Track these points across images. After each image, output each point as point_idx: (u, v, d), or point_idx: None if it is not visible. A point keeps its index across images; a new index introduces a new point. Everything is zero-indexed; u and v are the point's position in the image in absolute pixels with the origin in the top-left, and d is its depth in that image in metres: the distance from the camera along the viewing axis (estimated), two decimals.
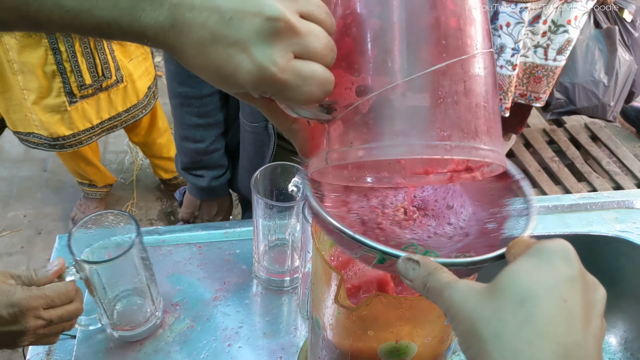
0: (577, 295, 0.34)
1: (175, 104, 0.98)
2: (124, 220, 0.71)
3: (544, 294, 0.34)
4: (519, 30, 1.72)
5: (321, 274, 0.57)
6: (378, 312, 0.53)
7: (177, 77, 0.94)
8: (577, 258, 0.36)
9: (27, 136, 1.75)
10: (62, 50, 1.56)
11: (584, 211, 0.98)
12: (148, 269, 0.72)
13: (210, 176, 1.05)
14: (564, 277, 0.35)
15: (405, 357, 0.58)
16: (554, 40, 1.78)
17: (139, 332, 0.76)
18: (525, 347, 0.33)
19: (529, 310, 0.33)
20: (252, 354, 0.75)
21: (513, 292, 0.35)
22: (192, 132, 0.99)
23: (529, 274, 0.35)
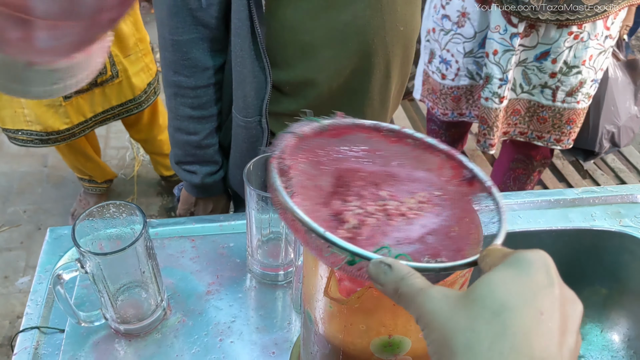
0: (555, 309, 0.33)
1: (169, 94, 0.96)
2: (127, 211, 0.70)
3: (521, 305, 0.32)
4: (508, 58, 1.56)
5: (312, 266, 0.55)
6: (370, 306, 0.51)
7: (172, 65, 0.92)
8: (555, 270, 0.35)
9: (15, 133, 1.73)
10: None
11: (587, 205, 0.96)
12: (153, 259, 0.71)
13: (203, 173, 1.03)
14: (541, 289, 0.33)
15: (398, 352, 0.56)
16: (564, 82, 1.62)
17: (145, 324, 0.74)
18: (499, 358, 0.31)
19: (504, 322, 0.32)
20: (244, 349, 0.73)
21: (488, 302, 0.33)
22: (185, 124, 0.97)
23: (506, 284, 0.34)
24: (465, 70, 1.71)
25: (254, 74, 0.89)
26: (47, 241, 0.86)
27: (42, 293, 0.79)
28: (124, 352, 0.72)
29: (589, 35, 1.51)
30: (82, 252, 0.63)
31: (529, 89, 1.66)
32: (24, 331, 0.74)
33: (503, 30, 1.52)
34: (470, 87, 1.77)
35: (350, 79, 0.92)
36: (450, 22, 1.68)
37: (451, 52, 1.71)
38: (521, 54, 1.58)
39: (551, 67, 1.58)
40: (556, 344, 0.31)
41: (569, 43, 1.52)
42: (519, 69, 1.63)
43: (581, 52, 1.55)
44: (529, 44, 1.56)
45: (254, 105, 0.92)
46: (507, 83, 1.61)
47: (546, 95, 1.66)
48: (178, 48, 0.89)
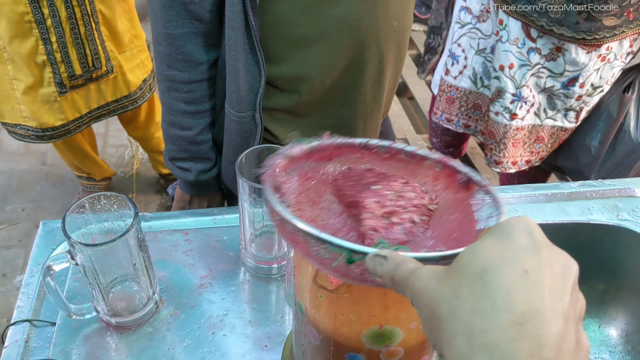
0: (542, 268, 0.32)
1: (163, 88, 0.95)
2: (118, 202, 0.69)
3: (503, 265, 0.32)
4: (523, 73, 1.50)
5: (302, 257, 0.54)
6: (360, 295, 0.51)
7: (166, 59, 0.91)
8: (540, 233, 0.34)
9: (14, 127, 1.73)
10: (52, 41, 1.54)
11: (584, 199, 0.95)
12: (145, 252, 0.70)
13: (197, 170, 1.02)
14: (525, 249, 0.32)
15: (390, 343, 0.55)
16: (588, 102, 1.57)
17: (137, 317, 0.74)
18: (477, 320, 0.30)
19: (485, 283, 0.31)
20: (237, 342, 0.72)
21: (470, 268, 0.33)
22: (179, 119, 0.96)
23: (487, 249, 0.33)
24: (471, 70, 1.66)
25: (247, 67, 0.88)
26: (39, 234, 0.86)
27: (33, 286, 0.79)
28: (116, 345, 0.72)
29: (615, 56, 1.48)
30: (73, 243, 0.63)
31: (552, 114, 1.61)
32: (14, 324, 0.74)
33: (521, 43, 1.46)
34: (468, 94, 1.73)
35: (343, 74, 0.92)
36: (470, 15, 1.61)
37: (462, 46, 1.66)
38: (547, 79, 1.52)
39: (579, 92, 1.53)
40: (543, 299, 0.30)
41: (597, 65, 1.47)
42: (544, 95, 1.57)
43: (607, 72, 1.51)
44: (555, 70, 1.49)
45: (248, 100, 0.91)
46: (520, 100, 1.55)
47: (569, 118, 1.61)
48: (171, 42, 0.88)
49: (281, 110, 0.95)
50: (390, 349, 0.56)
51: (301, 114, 0.96)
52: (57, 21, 1.52)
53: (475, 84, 1.68)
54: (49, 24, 1.51)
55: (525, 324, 0.29)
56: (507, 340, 0.29)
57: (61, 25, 1.53)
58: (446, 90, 1.76)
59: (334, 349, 0.58)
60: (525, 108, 1.58)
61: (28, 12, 1.47)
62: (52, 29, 1.52)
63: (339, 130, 0.99)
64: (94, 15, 1.60)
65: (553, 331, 0.29)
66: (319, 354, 0.61)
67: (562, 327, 0.30)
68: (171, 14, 0.85)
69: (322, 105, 0.95)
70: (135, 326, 0.74)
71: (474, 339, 0.30)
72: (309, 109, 0.96)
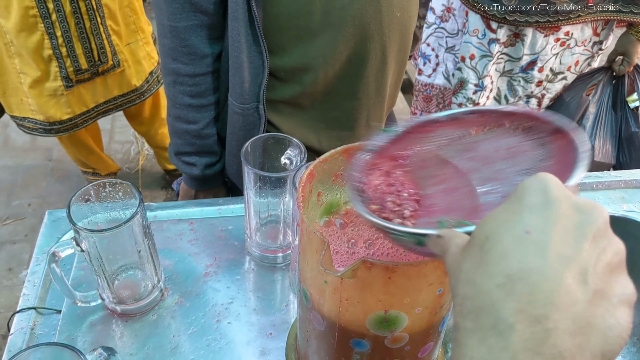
0: (548, 224, 0.30)
1: (168, 82, 0.95)
2: (123, 189, 0.69)
3: (502, 230, 0.31)
4: (485, 64, 1.52)
5: (307, 242, 0.54)
6: (365, 280, 0.50)
7: (171, 52, 0.91)
8: (558, 185, 0.32)
9: (22, 120, 1.74)
10: (58, 35, 1.55)
11: (590, 190, 0.94)
12: (150, 239, 0.70)
13: (203, 164, 1.02)
14: (532, 209, 0.31)
15: (395, 329, 0.55)
16: (550, 89, 1.59)
17: (142, 304, 0.74)
18: (470, 290, 0.31)
19: (484, 252, 0.31)
20: (242, 330, 0.72)
21: (477, 238, 0.32)
22: (184, 113, 0.96)
23: (495, 216, 0.32)
24: (444, 66, 1.68)
25: (250, 59, 0.88)
26: (45, 224, 0.86)
27: (39, 274, 0.79)
28: (121, 332, 0.72)
29: (575, 42, 1.49)
30: (78, 229, 0.63)
31: (514, 100, 1.63)
32: (20, 312, 0.74)
33: (482, 34, 1.49)
34: (443, 90, 1.74)
35: (346, 65, 0.91)
36: (434, 16, 1.65)
37: (432, 45, 1.69)
38: (505, 63, 1.55)
39: (538, 76, 1.55)
40: (542, 258, 0.29)
41: (556, 50, 1.50)
42: (504, 80, 1.60)
43: (567, 58, 1.53)
44: (514, 54, 1.52)
45: (251, 92, 0.91)
46: (483, 90, 1.57)
47: (531, 105, 1.62)
48: (176, 34, 0.88)
49: (284, 102, 0.95)
50: (395, 335, 0.56)
51: (304, 106, 0.96)
52: (62, 16, 1.52)
53: (449, 81, 1.70)
54: (54, 18, 1.52)
55: (514, 283, 0.29)
56: (492, 302, 0.29)
57: (66, 20, 1.54)
58: (421, 90, 1.78)
59: (338, 335, 0.58)
60: (485, 95, 1.60)
61: (33, 7, 1.48)
62: (57, 24, 1.53)
63: (342, 123, 0.99)
64: (99, 9, 1.60)
65: (548, 287, 0.29)
66: (323, 341, 0.61)
67: (567, 280, 0.29)
68: (175, 7, 0.85)
69: (324, 97, 0.95)
70: (141, 314, 0.74)
71: (464, 307, 0.30)
72: (311, 101, 0.95)
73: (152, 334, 0.72)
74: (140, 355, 0.69)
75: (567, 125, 0.48)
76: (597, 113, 1.59)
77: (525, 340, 0.28)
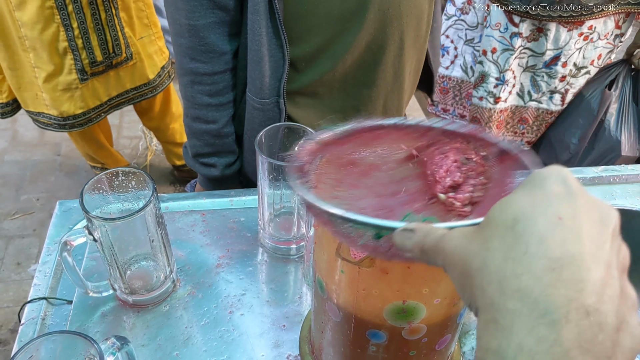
0: (577, 215, 0.29)
1: (185, 82, 0.93)
2: (136, 178, 0.68)
3: (536, 214, 0.30)
4: (506, 58, 1.51)
5: (323, 231, 0.53)
6: (383, 269, 0.49)
7: (188, 51, 0.89)
8: (575, 181, 0.32)
9: (37, 116, 1.73)
10: (74, 27, 1.54)
11: (607, 184, 0.93)
12: (163, 229, 0.69)
13: (222, 164, 1.00)
14: (558, 197, 0.30)
15: (413, 320, 0.54)
16: (573, 84, 1.57)
17: (154, 295, 0.73)
18: (510, 267, 0.29)
19: (517, 232, 0.30)
20: (254, 322, 0.72)
21: (501, 220, 0.31)
22: (204, 113, 0.95)
23: (518, 199, 0.31)
24: (462, 59, 1.68)
25: (271, 52, 0.87)
26: (56, 214, 0.85)
27: (50, 265, 0.78)
28: (132, 323, 0.71)
29: (598, 35, 1.48)
30: (90, 217, 0.62)
31: (537, 96, 1.62)
32: (31, 302, 0.73)
33: (504, 28, 1.48)
34: (460, 83, 1.73)
35: (365, 51, 0.90)
36: (454, 8, 1.64)
37: (451, 37, 1.68)
38: (529, 59, 1.54)
39: (562, 71, 1.53)
40: (580, 245, 0.28)
41: (579, 44, 1.48)
42: (527, 75, 1.58)
43: (590, 52, 1.51)
44: (537, 49, 1.51)
45: (271, 86, 0.90)
46: (504, 84, 1.57)
47: (555, 101, 1.61)
48: (194, 33, 0.87)
49: (301, 92, 0.94)
50: (413, 326, 0.55)
51: (322, 96, 0.95)
52: (79, 6, 1.52)
53: (467, 73, 1.69)
54: (70, 9, 1.51)
55: (562, 269, 0.28)
56: (542, 286, 0.27)
57: (82, 11, 1.53)
58: (438, 82, 1.77)
59: (354, 326, 0.57)
60: (507, 90, 1.59)
61: None
62: (73, 15, 1.52)
63: (359, 112, 0.98)
64: (114, 0, 1.60)
65: (593, 276, 0.28)
66: (339, 332, 0.60)
67: (604, 273, 0.28)
68: (194, 4, 0.84)
69: (342, 85, 0.94)
70: (152, 305, 0.73)
71: (506, 285, 0.29)
72: (329, 90, 0.94)
73: (164, 325, 0.71)
74: (152, 346, 0.69)
75: (514, 148, 0.49)
76: (620, 107, 1.57)
77: (577, 335, 0.27)
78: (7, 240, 2.14)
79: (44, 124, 1.75)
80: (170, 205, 0.86)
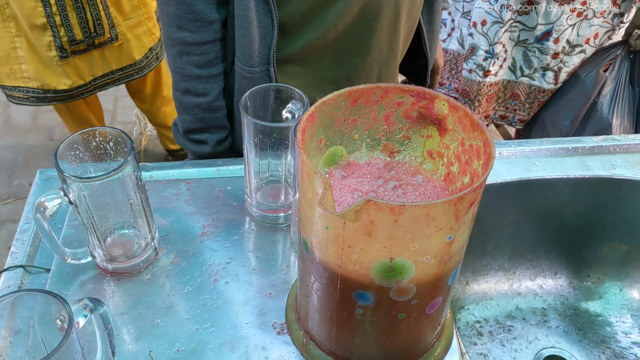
0: None
1: (173, 54, 0.90)
2: (114, 139, 0.65)
3: None
4: (495, 31, 1.49)
5: (307, 186, 0.50)
6: (368, 223, 0.46)
7: (175, 20, 0.86)
8: None
9: (12, 90, 1.69)
10: (51, 3, 1.51)
11: (607, 154, 0.90)
12: (142, 192, 0.66)
13: (214, 140, 0.97)
14: None
15: (401, 278, 0.51)
16: (567, 62, 1.55)
17: (135, 262, 0.70)
18: None
19: None
20: (239, 290, 0.69)
21: None
22: (193, 85, 0.91)
23: None
24: (459, 31, 1.65)
25: (259, 17, 0.84)
26: (36, 182, 0.83)
27: (28, 233, 0.76)
28: (112, 291, 0.68)
29: (594, 12, 1.44)
30: (65, 177, 0.59)
31: (529, 72, 1.59)
32: (7, 270, 0.71)
33: (493, 0, 1.45)
34: (457, 56, 1.70)
35: (358, 18, 0.87)
36: None
37: (448, 9, 1.66)
38: (520, 32, 1.52)
39: (554, 48, 1.51)
40: None
41: (572, 20, 1.45)
42: (519, 49, 1.56)
43: (585, 30, 1.48)
44: (528, 23, 1.49)
45: (261, 53, 0.87)
46: (493, 57, 1.54)
47: (548, 79, 1.59)
48: (181, 0, 0.83)
49: (292, 61, 0.91)
50: (401, 286, 0.52)
51: (313, 65, 0.92)
52: None
53: (463, 46, 1.67)
54: None
55: None
56: None
57: None
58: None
59: (340, 287, 0.55)
60: (498, 64, 1.57)
61: None
62: None
63: (352, 83, 0.95)
64: None
65: None
66: (325, 295, 0.57)
67: None
68: None
69: (335, 54, 0.91)
70: (133, 273, 0.70)
71: None
72: (321, 59, 0.91)
73: (145, 293, 0.68)
74: (132, 314, 0.66)
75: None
76: (615, 89, 1.54)
77: None
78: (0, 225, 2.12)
79: (19, 99, 1.71)
80: (155, 174, 0.83)
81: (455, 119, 0.55)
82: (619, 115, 1.55)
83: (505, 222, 0.90)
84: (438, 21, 1.09)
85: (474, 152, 0.53)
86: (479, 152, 0.52)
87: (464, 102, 1.65)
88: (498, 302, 0.94)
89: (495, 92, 1.65)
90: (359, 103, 0.57)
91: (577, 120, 1.60)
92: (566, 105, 1.60)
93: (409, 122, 0.59)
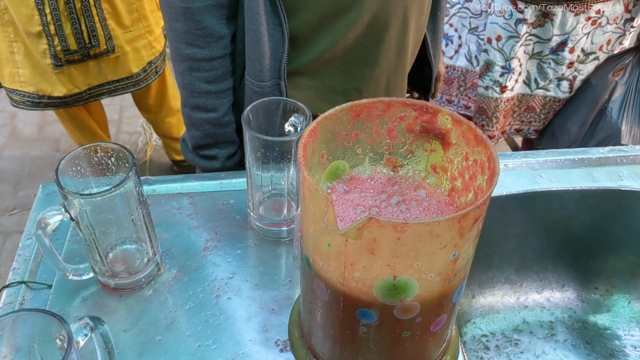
0: None
1: (182, 70, 0.89)
2: (116, 155, 0.65)
3: None
4: (512, 45, 1.48)
5: (309, 202, 0.50)
6: (371, 241, 0.46)
7: (184, 36, 0.85)
8: None
9: (11, 93, 1.71)
10: (46, 12, 1.52)
11: (614, 165, 0.89)
12: (144, 207, 0.66)
13: (224, 156, 0.96)
14: None
15: (404, 297, 0.51)
16: (581, 70, 1.54)
17: (137, 278, 0.70)
18: None
19: None
20: (242, 305, 0.68)
21: None
22: (203, 101, 0.91)
23: None
24: (467, 48, 1.64)
25: (269, 32, 0.83)
26: (39, 197, 0.82)
27: (30, 249, 0.75)
28: (114, 307, 0.68)
29: (607, 20, 1.44)
30: (66, 193, 0.59)
31: (544, 84, 1.58)
32: (9, 286, 0.70)
33: (508, 15, 1.44)
34: (465, 72, 1.69)
35: (367, 29, 0.87)
36: None
37: (455, 26, 1.64)
38: (534, 45, 1.50)
39: (569, 57, 1.50)
40: None
41: (587, 29, 1.44)
42: (533, 62, 1.55)
43: (599, 37, 1.47)
44: (543, 35, 1.48)
45: (271, 67, 0.87)
46: (510, 72, 1.53)
47: (563, 88, 1.58)
48: (190, 16, 0.83)
49: (302, 73, 0.90)
50: (405, 304, 0.51)
51: (323, 76, 0.91)
52: None
53: (471, 63, 1.66)
54: None
55: None
56: None
57: None
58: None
59: (343, 305, 0.54)
60: (514, 78, 1.55)
61: None
62: (45, 0, 1.50)
63: (361, 94, 0.94)
64: None
65: None
66: (328, 312, 0.56)
67: None
68: None
69: (344, 65, 0.90)
70: (135, 288, 0.70)
71: None
72: (330, 70, 0.91)
73: (147, 309, 0.68)
74: (134, 330, 0.65)
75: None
76: (625, 95, 1.53)
77: None
78: (5, 236, 2.12)
79: (16, 102, 1.73)
80: (158, 188, 0.83)
81: (459, 133, 0.54)
82: (628, 122, 1.54)
83: (511, 234, 0.89)
84: (441, 30, 1.09)
85: (478, 167, 0.52)
86: (483, 167, 0.51)
87: (481, 119, 1.64)
88: (505, 316, 0.93)
89: (511, 107, 1.64)
90: (361, 117, 0.56)
91: (585, 126, 1.59)
92: (577, 111, 1.59)
93: (412, 136, 0.58)
